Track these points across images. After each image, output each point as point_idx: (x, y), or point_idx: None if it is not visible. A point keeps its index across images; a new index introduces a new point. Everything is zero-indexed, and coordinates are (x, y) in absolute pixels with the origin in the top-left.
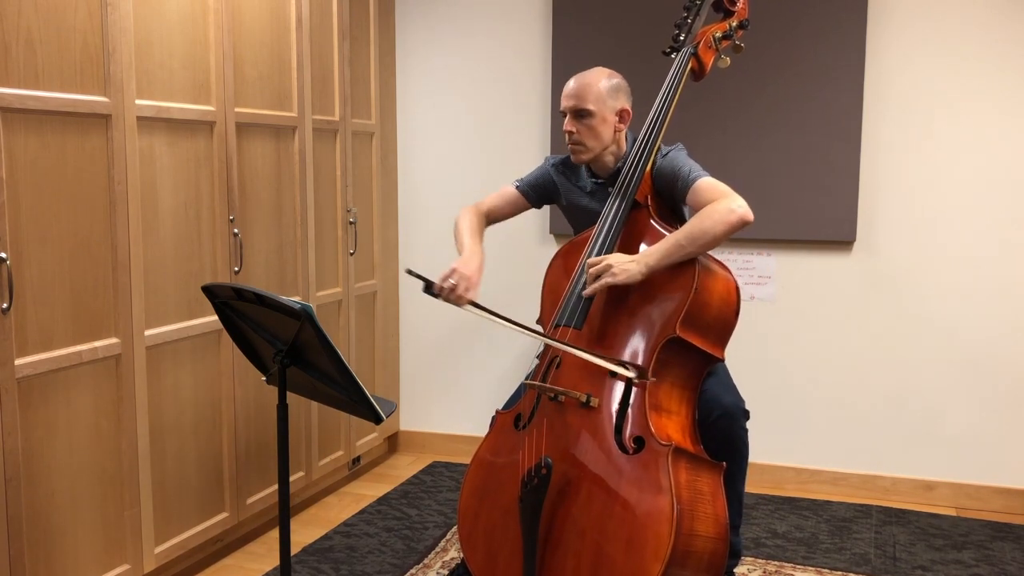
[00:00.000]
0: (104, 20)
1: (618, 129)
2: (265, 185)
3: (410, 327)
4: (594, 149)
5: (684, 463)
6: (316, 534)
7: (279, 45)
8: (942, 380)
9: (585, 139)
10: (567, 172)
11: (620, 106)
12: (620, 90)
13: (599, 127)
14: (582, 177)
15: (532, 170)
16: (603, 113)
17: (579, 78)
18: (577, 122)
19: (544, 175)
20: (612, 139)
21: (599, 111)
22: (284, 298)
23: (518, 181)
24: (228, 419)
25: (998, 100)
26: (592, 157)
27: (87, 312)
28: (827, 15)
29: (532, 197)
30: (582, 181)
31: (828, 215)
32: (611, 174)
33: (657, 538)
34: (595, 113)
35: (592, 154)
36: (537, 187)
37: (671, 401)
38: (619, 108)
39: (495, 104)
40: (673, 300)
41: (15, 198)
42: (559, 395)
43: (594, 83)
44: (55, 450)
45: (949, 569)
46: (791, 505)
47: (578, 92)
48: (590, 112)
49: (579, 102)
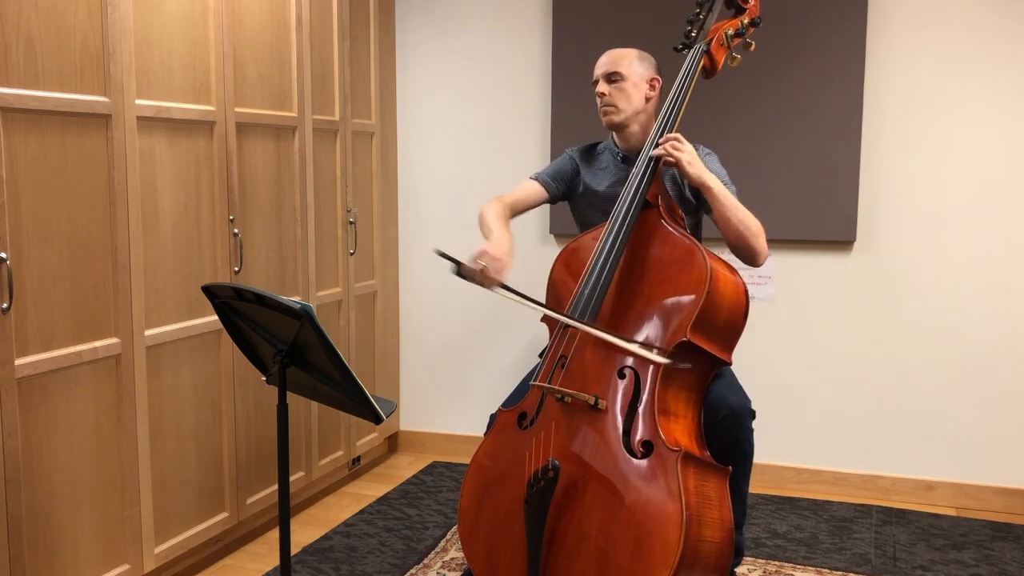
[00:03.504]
0: (104, 20)
1: (648, 97)
2: (265, 185)
3: (410, 327)
4: (625, 111)
5: (692, 468)
6: (316, 534)
7: (279, 45)
8: (942, 380)
9: (617, 100)
10: (587, 157)
11: (651, 75)
12: (651, 64)
13: (631, 90)
14: (603, 160)
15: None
16: (634, 78)
17: (611, 52)
18: (609, 85)
19: (564, 161)
20: (643, 106)
21: (630, 75)
22: (284, 298)
23: (536, 173)
24: (228, 419)
25: (998, 100)
26: (623, 119)
27: (87, 312)
28: (828, 16)
29: (552, 187)
30: (602, 163)
31: (828, 215)
32: (634, 150)
33: (665, 544)
34: (627, 76)
35: (623, 115)
36: (557, 175)
37: (679, 405)
38: (650, 76)
39: (495, 104)
40: (684, 303)
41: (15, 198)
42: (566, 396)
43: (626, 54)
44: (55, 450)
45: (949, 569)
46: (791, 505)
47: (612, 59)
48: (622, 75)
49: (612, 66)
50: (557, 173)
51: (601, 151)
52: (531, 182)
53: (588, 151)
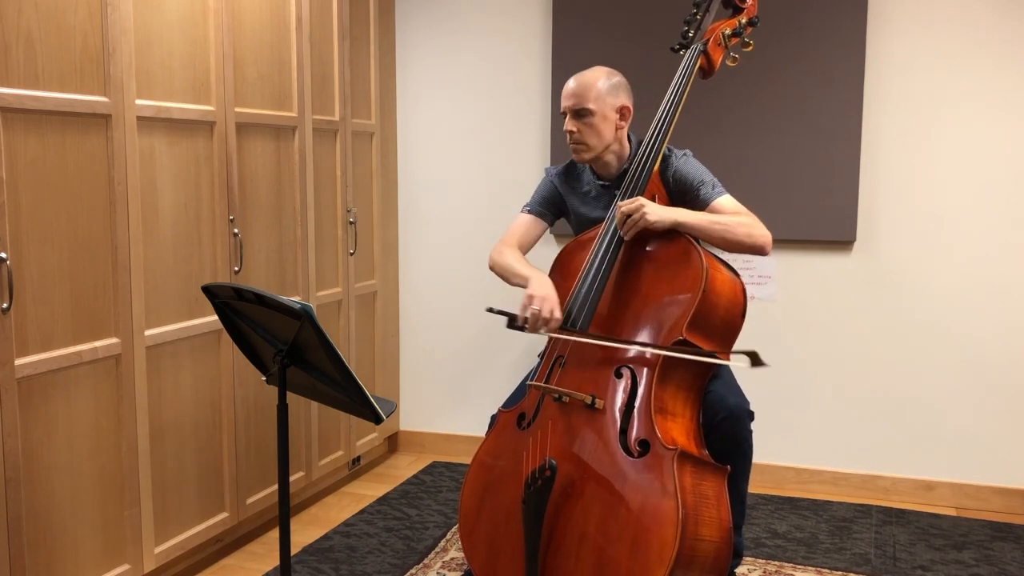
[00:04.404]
0: (104, 20)
1: (619, 127)
2: (265, 185)
3: (410, 327)
4: (596, 148)
5: (689, 467)
6: (316, 534)
7: (279, 45)
8: (942, 380)
9: (587, 138)
10: (568, 179)
11: (620, 103)
12: (620, 88)
13: (600, 125)
14: (584, 183)
15: (535, 190)
16: (603, 111)
17: (578, 77)
18: (578, 121)
19: (548, 187)
20: (614, 137)
21: (599, 109)
22: (284, 298)
23: (527, 206)
24: (228, 419)
25: (998, 100)
26: (594, 156)
27: (87, 312)
28: (827, 15)
29: (547, 216)
30: (584, 187)
31: (828, 215)
32: (615, 176)
33: (662, 542)
34: (595, 111)
35: (594, 153)
36: (546, 202)
37: (676, 404)
38: (619, 105)
39: (495, 104)
40: (680, 302)
41: (15, 198)
42: (563, 396)
43: (593, 82)
44: (55, 450)
45: (949, 569)
46: (791, 505)
47: (577, 91)
48: (590, 111)
49: (579, 101)
50: (545, 200)
51: (581, 171)
52: (526, 216)
53: (568, 172)
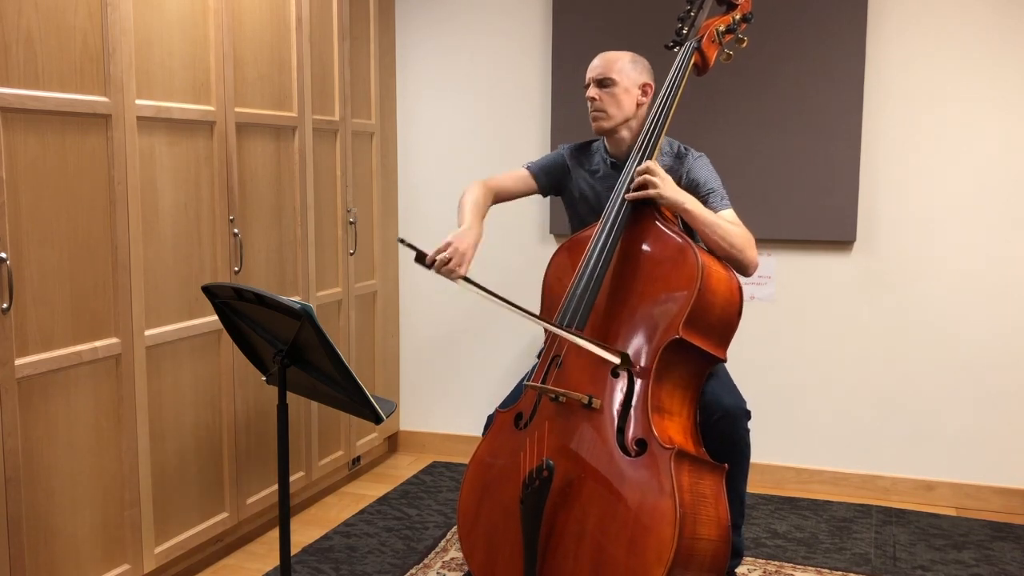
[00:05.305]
0: (104, 20)
1: (640, 103)
2: (265, 185)
3: (410, 327)
4: (615, 117)
5: (686, 466)
6: (316, 534)
7: (279, 45)
8: (942, 380)
9: (607, 106)
10: (580, 157)
11: (644, 80)
12: (645, 68)
13: (621, 96)
14: (595, 162)
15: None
16: (626, 84)
17: (604, 55)
18: (600, 90)
19: (557, 158)
20: (634, 112)
21: (622, 81)
22: (284, 298)
23: (530, 163)
24: (228, 419)
25: (998, 100)
26: (613, 126)
27: (87, 312)
28: (827, 14)
29: (541, 180)
30: (595, 165)
31: (828, 215)
32: (624, 155)
33: (660, 541)
34: (618, 82)
35: (613, 122)
36: (548, 170)
37: (673, 403)
38: (642, 82)
39: (495, 104)
40: (676, 301)
41: (15, 198)
42: (560, 396)
43: (619, 58)
44: (55, 450)
45: (949, 569)
46: (791, 505)
47: (603, 64)
48: (613, 80)
49: (604, 71)
50: (549, 167)
51: (595, 151)
52: (522, 170)
53: (582, 149)
